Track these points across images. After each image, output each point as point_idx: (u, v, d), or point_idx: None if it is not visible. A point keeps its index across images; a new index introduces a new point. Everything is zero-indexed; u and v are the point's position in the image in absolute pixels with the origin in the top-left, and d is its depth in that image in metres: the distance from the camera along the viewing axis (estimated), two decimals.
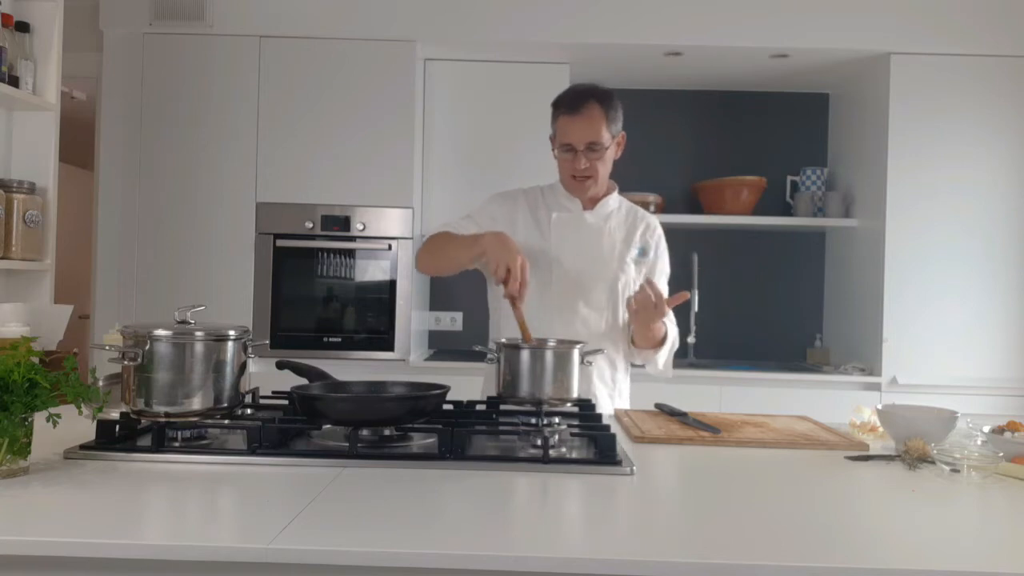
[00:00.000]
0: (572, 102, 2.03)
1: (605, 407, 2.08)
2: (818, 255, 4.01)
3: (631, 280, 2.14)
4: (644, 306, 1.93)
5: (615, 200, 2.18)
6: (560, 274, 2.10)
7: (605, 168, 2.08)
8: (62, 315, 1.80)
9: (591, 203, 2.15)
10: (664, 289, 2.18)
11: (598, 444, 1.47)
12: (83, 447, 1.40)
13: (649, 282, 1.95)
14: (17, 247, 2.64)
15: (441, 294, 3.98)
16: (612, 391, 2.16)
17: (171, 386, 1.40)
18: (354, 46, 3.40)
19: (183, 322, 1.46)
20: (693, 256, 3.78)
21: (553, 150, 2.11)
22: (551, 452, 1.42)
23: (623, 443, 1.59)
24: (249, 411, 1.64)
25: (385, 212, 3.41)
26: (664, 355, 2.13)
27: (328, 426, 1.52)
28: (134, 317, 3.32)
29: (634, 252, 2.14)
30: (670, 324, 2.12)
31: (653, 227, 2.20)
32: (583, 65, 3.62)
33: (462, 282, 3.98)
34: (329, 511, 1.11)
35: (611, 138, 2.04)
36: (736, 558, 0.97)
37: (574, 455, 1.48)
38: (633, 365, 2.24)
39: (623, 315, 2.12)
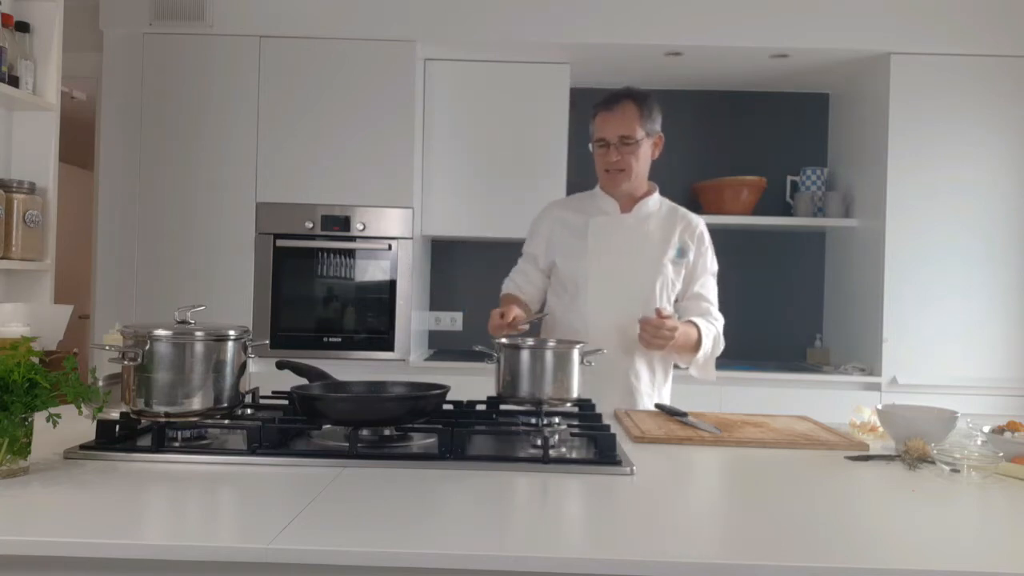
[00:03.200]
0: (608, 100, 2.12)
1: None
2: (818, 255, 4.01)
3: (669, 281, 2.15)
4: (648, 330, 1.95)
5: (655, 201, 2.20)
6: (597, 278, 2.13)
7: (639, 165, 2.12)
8: (62, 315, 1.80)
9: (629, 205, 2.18)
10: (713, 287, 2.21)
11: (598, 444, 1.47)
12: (83, 447, 1.40)
13: (657, 310, 1.98)
14: (17, 247, 2.64)
15: (441, 294, 3.98)
16: (652, 394, 2.18)
17: (171, 386, 1.41)
18: (354, 46, 3.40)
19: (183, 322, 1.46)
20: None
21: (592, 154, 2.18)
22: (551, 452, 1.42)
23: (623, 443, 1.59)
24: (249, 411, 1.64)
25: (385, 212, 3.41)
26: (702, 357, 2.12)
27: (328, 426, 1.52)
28: (134, 317, 3.32)
29: (672, 253, 2.15)
30: (705, 325, 2.11)
31: (693, 225, 2.20)
32: (583, 65, 3.62)
33: (462, 282, 3.99)
34: (329, 511, 1.11)
35: (645, 135, 2.10)
36: (736, 558, 0.97)
37: (574, 455, 1.48)
38: (675, 367, 2.25)
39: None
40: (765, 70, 3.69)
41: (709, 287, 2.20)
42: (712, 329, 2.14)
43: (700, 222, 2.23)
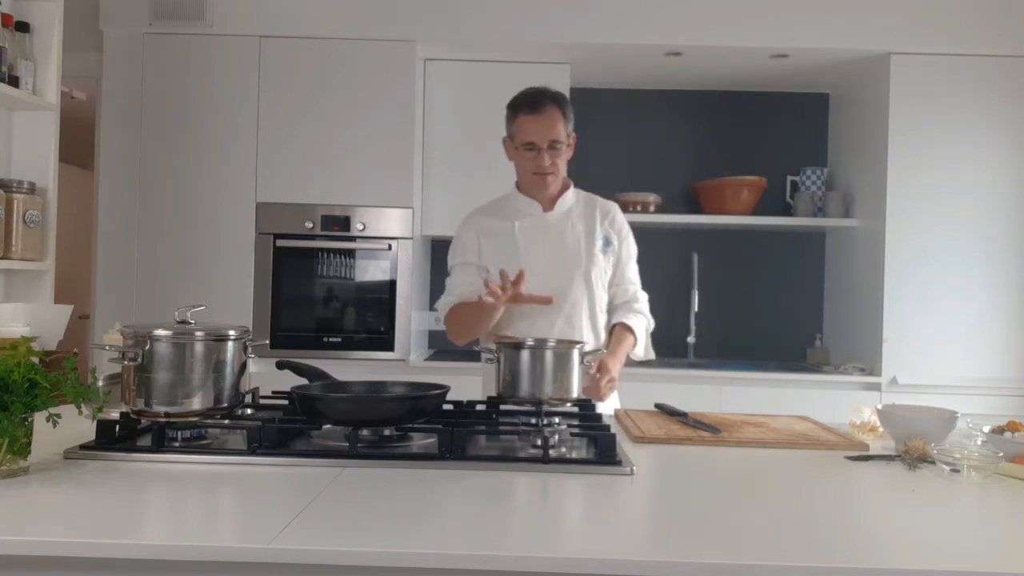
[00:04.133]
0: (533, 102, 2.13)
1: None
2: (818, 255, 4.01)
3: (602, 270, 2.22)
4: (592, 393, 2.00)
5: (571, 195, 2.26)
6: (534, 277, 2.12)
7: (563, 165, 2.19)
8: (62, 315, 1.80)
9: (550, 203, 2.23)
10: (635, 269, 2.30)
11: (598, 444, 1.47)
12: (83, 447, 1.40)
13: (598, 367, 2.02)
14: (17, 247, 2.64)
15: (441, 294, 3.97)
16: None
17: (171, 386, 1.41)
18: (354, 46, 3.40)
19: (183, 322, 1.46)
20: (693, 256, 3.78)
21: (508, 151, 2.22)
22: (551, 452, 1.42)
23: (623, 443, 1.59)
24: (249, 411, 1.64)
25: (385, 212, 3.41)
26: (640, 346, 2.23)
27: (328, 426, 1.52)
28: (134, 317, 3.32)
29: (600, 243, 2.22)
30: (636, 316, 2.22)
31: (612, 215, 2.28)
32: (583, 65, 3.62)
33: None
34: (329, 511, 1.11)
35: (567, 136, 2.16)
36: (736, 558, 0.97)
37: (574, 455, 1.48)
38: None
39: (601, 306, 2.22)
40: (765, 70, 3.69)
41: (634, 271, 2.29)
42: (641, 319, 2.24)
43: (616, 210, 2.29)
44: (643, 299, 2.29)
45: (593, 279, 2.19)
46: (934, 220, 3.36)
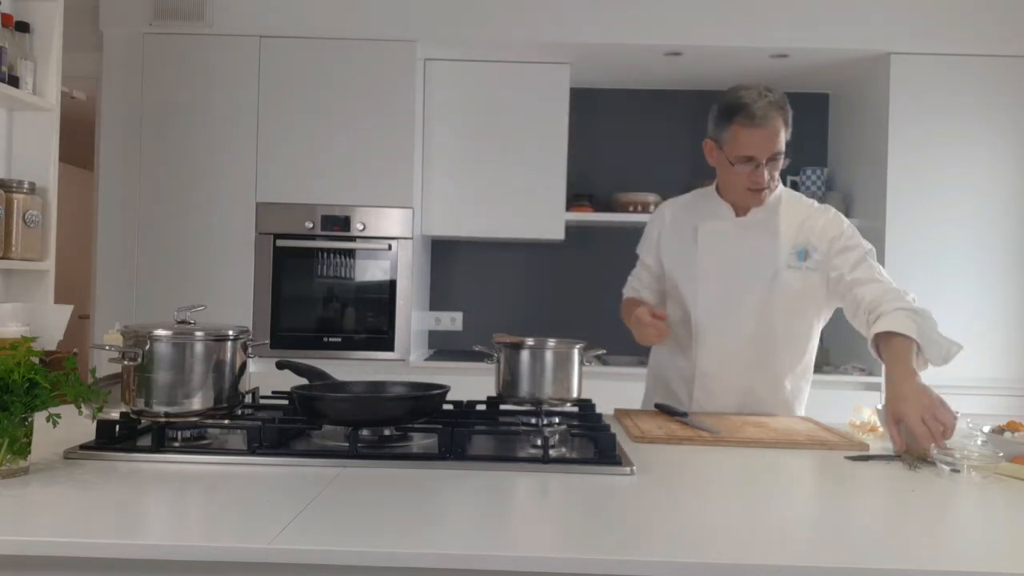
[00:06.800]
0: (756, 114, 1.88)
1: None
2: None
3: (793, 291, 1.96)
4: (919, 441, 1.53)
5: (774, 198, 2.00)
6: (707, 292, 2.00)
7: (778, 174, 1.95)
8: (62, 315, 1.80)
9: (744, 208, 2.01)
10: (875, 266, 1.92)
11: (598, 444, 1.47)
12: (83, 447, 1.40)
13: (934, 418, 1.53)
14: (17, 247, 2.63)
15: (441, 294, 3.98)
16: (793, 402, 2.06)
17: (171, 386, 1.41)
18: (354, 46, 3.40)
19: (183, 322, 1.46)
20: None
21: (712, 155, 2.02)
22: (551, 452, 1.42)
23: (623, 443, 1.59)
24: (249, 411, 1.64)
25: (385, 212, 3.41)
26: (936, 348, 1.79)
27: (328, 426, 1.52)
28: (134, 317, 3.32)
29: (791, 258, 1.96)
30: (895, 317, 1.77)
31: (812, 221, 1.98)
32: (583, 65, 3.62)
33: (462, 282, 3.99)
34: (329, 511, 1.11)
35: (786, 145, 1.92)
36: (736, 558, 0.97)
37: (574, 455, 1.48)
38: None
39: (783, 330, 1.99)
40: (765, 70, 3.69)
41: (869, 271, 1.90)
42: (901, 315, 1.77)
43: (822, 214, 1.99)
44: (894, 297, 1.83)
45: (774, 304, 1.95)
46: (934, 220, 3.36)
